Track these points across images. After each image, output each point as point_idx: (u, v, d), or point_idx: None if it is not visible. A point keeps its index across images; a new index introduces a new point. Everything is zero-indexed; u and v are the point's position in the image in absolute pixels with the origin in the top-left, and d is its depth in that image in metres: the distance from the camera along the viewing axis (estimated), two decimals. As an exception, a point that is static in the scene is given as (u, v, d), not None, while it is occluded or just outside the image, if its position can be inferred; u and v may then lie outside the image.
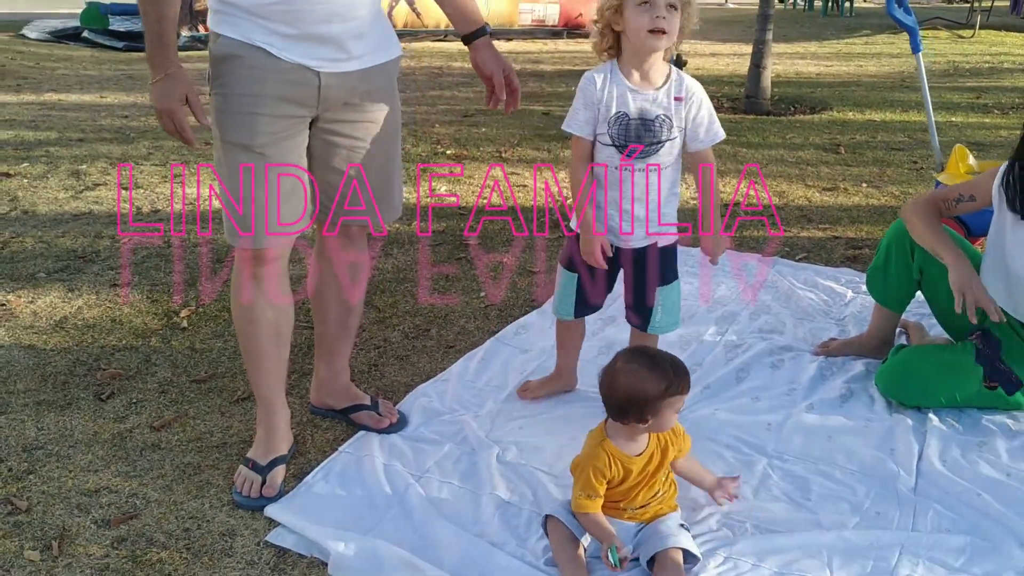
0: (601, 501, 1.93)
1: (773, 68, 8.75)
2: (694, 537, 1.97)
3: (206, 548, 2.01)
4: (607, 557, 1.81)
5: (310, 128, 2.20)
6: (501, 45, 11.25)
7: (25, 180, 5.05)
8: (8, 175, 5.16)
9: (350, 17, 2.12)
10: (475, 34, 2.32)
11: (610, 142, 2.23)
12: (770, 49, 6.86)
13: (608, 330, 3.02)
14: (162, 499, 2.18)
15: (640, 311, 2.43)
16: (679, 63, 8.78)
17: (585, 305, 2.47)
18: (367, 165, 2.28)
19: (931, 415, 2.48)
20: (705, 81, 8.37)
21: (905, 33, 3.90)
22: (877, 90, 7.86)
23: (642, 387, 1.85)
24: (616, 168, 2.25)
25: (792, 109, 6.91)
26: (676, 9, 2.10)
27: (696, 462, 2.13)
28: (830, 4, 15.79)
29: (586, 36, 12.30)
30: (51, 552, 1.99)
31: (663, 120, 2.21)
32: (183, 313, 3.23)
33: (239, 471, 2.24)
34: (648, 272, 2.36)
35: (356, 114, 2.22)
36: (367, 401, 2.54)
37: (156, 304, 3.32)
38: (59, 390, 2.69)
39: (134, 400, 2.64)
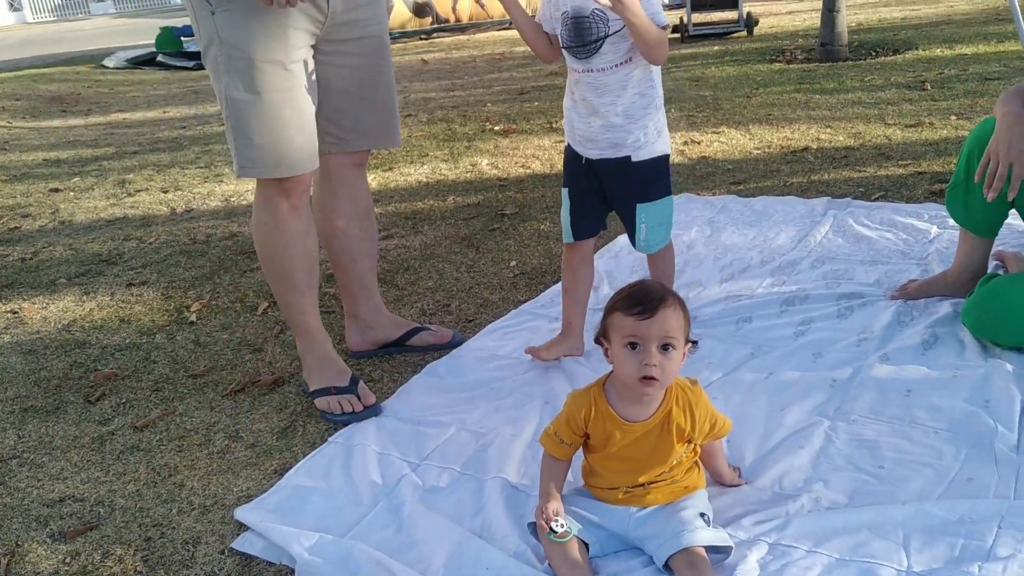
0: (567, 451, 1.60)
1: (855, 17, 8.16)
2: (729, 523, 1.60)
3: (164, 559, 1.74)
4: (544, 524, 1.52)
5: (315, 50, 2.07)
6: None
7: (72, 193, 4.99)
8: (58, 190, 5.12)
9: None
10: None
11: (562, 44, 2.11)
12: (843, -10, 6.29)
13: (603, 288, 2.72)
14: (128, 506, 1.93)
15: (627, 226, 2.29)
16: (750, 21, 8.29)
17: (580, 223, 2.28)
18: (376, 84, 2.17)
19: (1037, 358, 2.03)
20: (780, 37, 7.93)
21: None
22: (969, 26, 7.16)
23: (609, 300, 1.58)
24: (574, 72, 2.13)
25: (873, 53, 6.31)
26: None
27: (721, 452, 1.74)
28: (916, -49, 14.78)
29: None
30: (-3, 571, 1.76)
31: (597, 15, 2.01)
32: (194, 307, 3.01)
33: (324, 402, 2.16)
34: (627, 187, 2.20)
35: (356, 30, 2.09)
36: (417, 324, 2.50)
37: (169, 300, 3.11)
38: (50, 395, 2.49)
39: (124, 401, 2.42)
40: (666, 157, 2.20)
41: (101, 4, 27.82)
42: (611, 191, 2.22)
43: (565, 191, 2.27)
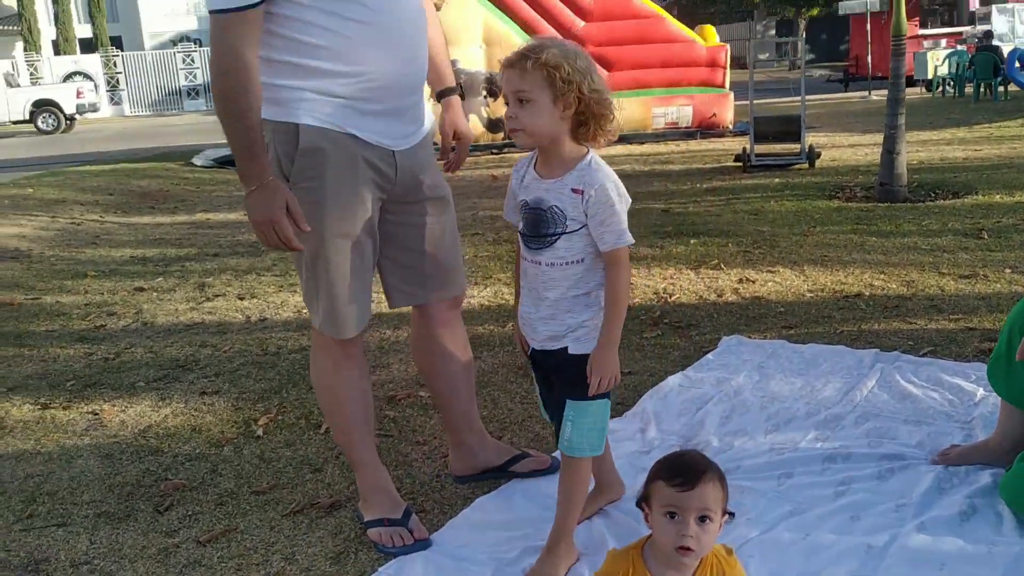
0: None
1: (916, 155, 8.28)
2: None
3: None
4: None
5: (382, 210, 2.26)
6: (634, 148, 11.22)
7: (155, 293, 5.30)
8: (142, 289, 5.43)
9: (423, 84, 2.24)
10: (446, 91, 2.46)
11: (519, 230, 2.07)
12: (903, 134, 6.44)
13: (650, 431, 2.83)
14: (189, 621, 2.06)
15: (555, 422, 2.14)
16: (812, 155, 8.45)
17: (550, 408, 2.20)
18: (440, 241, 2.36)
19: (1074, 538, 2.06)
20: (840, 171, 8.07)
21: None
22: (1032, 171, 7.24)
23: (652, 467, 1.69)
24: (524, 260, 2.08)
25: (932, 195, 6.41)
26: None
27: None
28: (982, 89, 14.95)
29: (720, 135, 12.12)
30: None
31: (555, 212, 1.97)
32: (261, 421, 3.18)
33: (376, 533, 2.28)
34: (560, 379, 2.08)
35: (420, 192, 2.29)
36: (520, 451, 2.63)
37: (238, 412, 3.29)
38: (122, 501, 2.66)
39: (190, 513, 2.57)
40: None
41: (194, 101, 29.41)
42: (551, 381, 2.14)
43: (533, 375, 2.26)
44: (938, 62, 17.07)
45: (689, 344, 3.64)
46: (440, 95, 2.47)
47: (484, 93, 11.98)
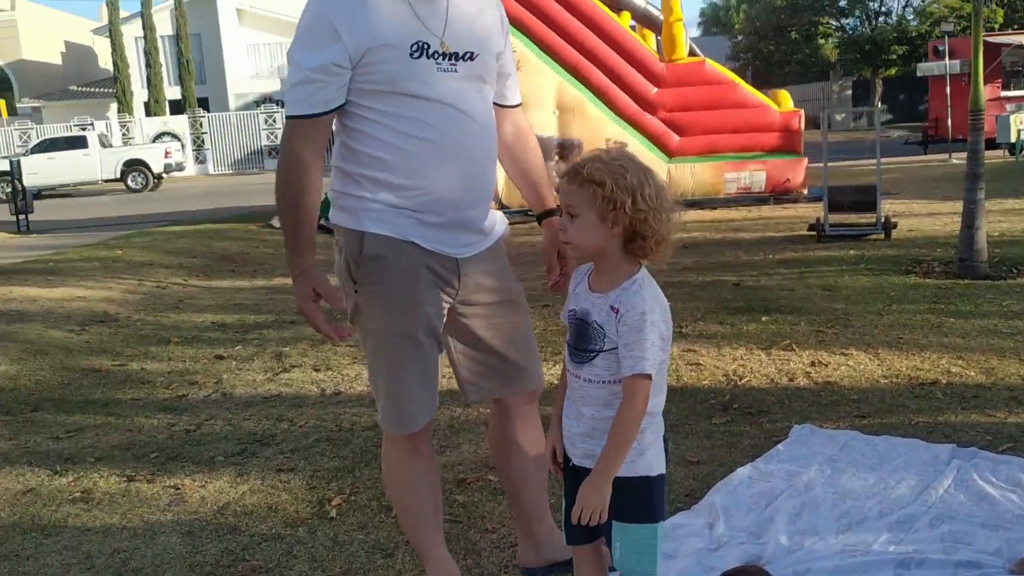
0: None
1: (998, 225, 8.11)
2: None
3: None
4: None
5: (451, 310, 2.35)
6: (705, 214, 11.22)
7: (234, 362, 5.47)
8: (222, 358, 5.62)
9: (488, 199, 2.34)
10: (547, 214, 2.50)
11: (566, 339, 2.00)
12: (983, 208, 6.34)
13: (718, 527, 2.74)
14: None
15: (607, 538, 2.01)
16: (888, 225, 8.33)
17: (574, 526, 1.97)
18: (511, 338, 2.42)
19: None
20: (918, 243, 7.94)
21: None
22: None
23: None
24: (568, 372, 2.00)
25: (1013, 271, 6.27)
26: None
27: None
28: (1071, 151, 14.58)
29: (794, 201, 12.03)
30: None
31: (596, 328, 1.90)
32: (335, 501, 3.26)
33: None
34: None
35: (489, 295, 2.37)
36: None
37: (313, 491, 3.38)
38: (202, 582, 2.76)
39: (266, 596, 2.65)
40: (649, 480, 1.93)
41: (274, 160, 30.32)
42: None
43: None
44: (1021, 125, 16.71)
45: (759, 432, 3.62)
46: (540, 217, 2.52)
47: (556, 158, 12.17)
